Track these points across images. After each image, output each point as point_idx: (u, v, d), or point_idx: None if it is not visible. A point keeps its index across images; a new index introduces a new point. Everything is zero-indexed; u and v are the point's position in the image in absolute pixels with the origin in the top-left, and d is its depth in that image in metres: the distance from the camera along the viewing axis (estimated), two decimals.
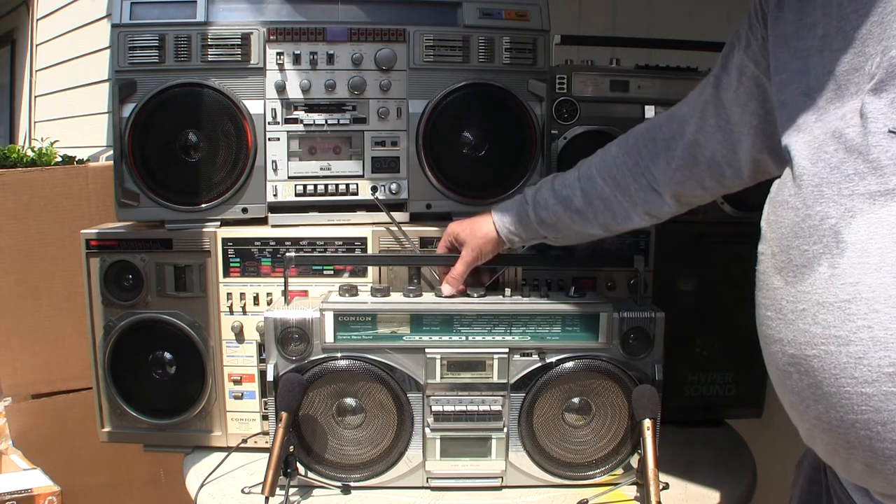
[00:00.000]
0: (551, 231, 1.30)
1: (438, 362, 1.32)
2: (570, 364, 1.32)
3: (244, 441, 1.48)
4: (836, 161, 0.79)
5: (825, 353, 0.76)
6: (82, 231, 1.46)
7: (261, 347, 1.47)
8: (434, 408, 1.32)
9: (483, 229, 1.33)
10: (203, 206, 1.48)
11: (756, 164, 1.08)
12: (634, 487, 1.33)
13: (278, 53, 1.47)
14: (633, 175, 1.20)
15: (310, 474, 1.33)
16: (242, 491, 1.32)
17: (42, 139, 2.96)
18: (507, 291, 1.38)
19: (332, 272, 1.48)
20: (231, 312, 1.48)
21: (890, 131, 0.75)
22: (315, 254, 1.47)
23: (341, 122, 1.51)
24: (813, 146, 0.83)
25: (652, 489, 1.20)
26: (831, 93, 0.84)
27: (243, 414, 1.50)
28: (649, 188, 1.20)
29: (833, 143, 0.80)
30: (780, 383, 0.85)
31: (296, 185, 1.51)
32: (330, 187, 1.52)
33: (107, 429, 1.51)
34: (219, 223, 1.49)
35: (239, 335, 1.48)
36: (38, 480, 1.61)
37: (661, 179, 1.18)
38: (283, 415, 1.25)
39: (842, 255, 0.76)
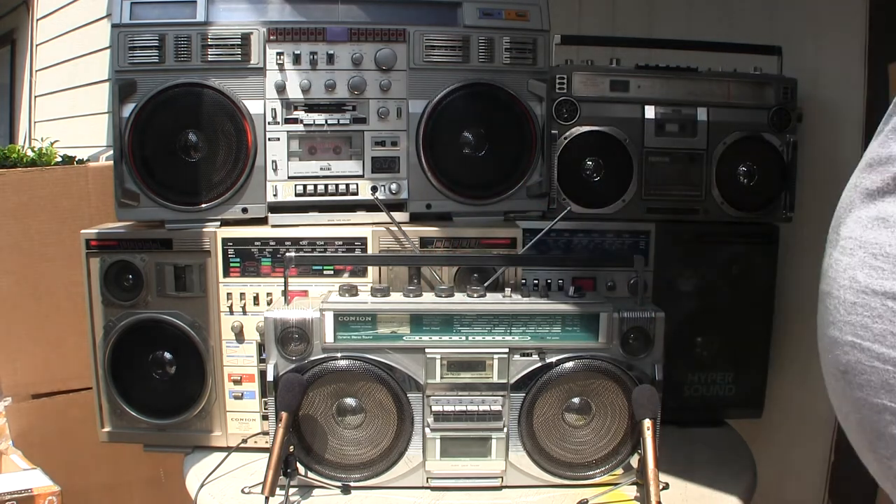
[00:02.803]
0: None
1: (438, 362, 1.32)
2: (570, 364, 1.32)
3: (244, 441, 1.48)
4: (865, 152, 0.78)
5: (819, 335, 0.78)
6: (82, 231, 1.46)
7: (261, 347, 1.47)
8: (434, 408, 1.32)
9: None
10: (203, 206, 1.48)
11: None
12: (634, 487, 1.33)
13: (278, 53, 1.47)
14: None
15: (310, 474, 1.33)
16: (242, 491, 1.32)
17: (42, 139, 2.96)
18: (507, 291, 1.38)
19: (332, 272, 1.48)
20: (231, 312, 1.48)
21: None
22: (315, 254, 1.47)
23: (341, 122, 1.51)
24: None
25: (652, 489, 1.20)
26: None
27: (243, 414, 1.50)
28: None
29: (874, 138, 0.79)
30: None
31: (296, 185, 1.51)
32: (330, 187, 1.52)
33: (107, 429, 1.51)
34: (219, 223, 1.49)
35: (239, 335, 1.48)
36: (38, 480, 1.60)
37: None
38: (283, 415, 1.25)
39: (835, 247, 0.76)
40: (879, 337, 0.69)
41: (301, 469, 1.32)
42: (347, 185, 1.53)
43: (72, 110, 4.44)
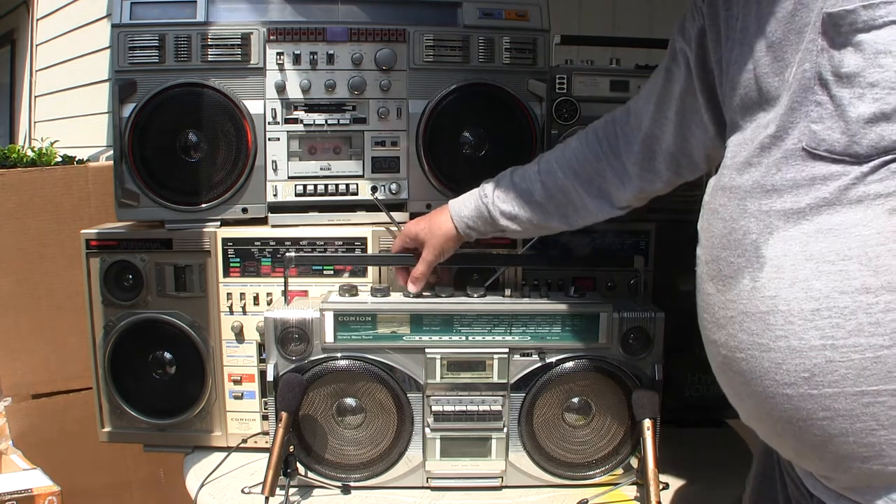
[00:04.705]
0: (511, 223, 1.29)
1: (438, 362, 1.32)
2: (570, 364, 1.32)
3: (244, 441, 1.48)
4: (758, 175, 0.83)
5: (751, 357, 0.82)
6: (82, 231, 1.46)
7: (261, 347, 1.47)
8: (434, 408, 1.32)
9: (442, 227, 1.32)
10: (203, 206, 1.48)
11: (708, 157, 1.11)
12: (634, 487, 1.33)
13: (278, 53, 1.47)
14: (594, 168, 1.22)
15: (310, 474, 1.33)
16: (242, 491, 1.32)
17: (42, 139, 2.96)
18: (507, 291, 1.38)
19: (332, 272, 1.48)
20: (231, 312, 1.48)
21: (804, 149, 0.78)
22: (315, 254, 1.47)
23: (341, 122, 1.51)
24: (742, 152, 0.87)
25: (652, 489, 1.20)
26: (755, 91, 0.87)
27: (243, 414, 1.50)
28: (610, 181, 1.22)
29: (756, 154, 0.84)
30: (719, 376, 0.93)
31: (296, 185, 1.51)
32: (330, 187, 1.52)
33: (107, 429, 1.51)
34: (219, 223, 1.49)
35: (239, 335, 1.48)
36: (38, 480, 1.60)
37: (620, 173, 1.21)
38: (283, 415, 1.25)
39: (761, 270, 0.81)
40: (855, 331, 0.74)
41: (301, 469, 1.32)
42: (347, 185, 1.53)
43: (72, 110, 4.44)
